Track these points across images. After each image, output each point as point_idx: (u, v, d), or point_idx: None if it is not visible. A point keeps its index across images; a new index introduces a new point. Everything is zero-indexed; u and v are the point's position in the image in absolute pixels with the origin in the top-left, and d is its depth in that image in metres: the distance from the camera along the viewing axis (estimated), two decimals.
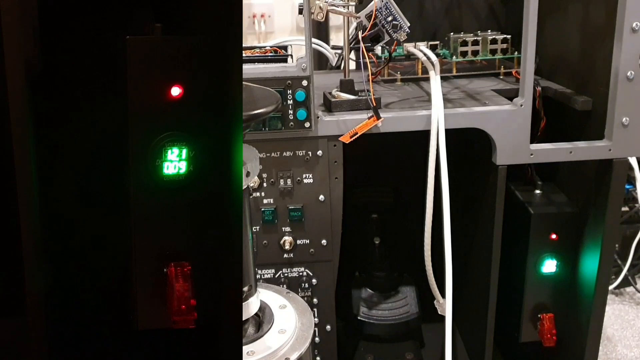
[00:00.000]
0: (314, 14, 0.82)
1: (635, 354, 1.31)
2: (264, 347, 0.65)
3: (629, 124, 0.85)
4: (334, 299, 0.97)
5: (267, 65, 0.88)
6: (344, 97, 0.90)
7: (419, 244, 0.88)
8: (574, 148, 0.87)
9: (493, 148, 0.88)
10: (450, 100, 0.93)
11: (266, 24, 1.89)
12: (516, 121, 0.86)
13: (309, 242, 0.94)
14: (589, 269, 0.94)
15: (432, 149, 0.84)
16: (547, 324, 0.97)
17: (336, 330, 0.99)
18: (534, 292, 0.98)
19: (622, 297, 1.51)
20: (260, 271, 0.95)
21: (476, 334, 1.05)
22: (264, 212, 0.92)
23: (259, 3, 1.88)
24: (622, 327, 1.40)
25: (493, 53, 1.03)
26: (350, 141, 0.87)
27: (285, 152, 0.90)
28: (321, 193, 0.91)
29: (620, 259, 1.48)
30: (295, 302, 0.73)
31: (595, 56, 0.90)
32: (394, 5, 0.88)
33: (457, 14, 1.20)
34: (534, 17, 0.82)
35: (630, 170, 1.25)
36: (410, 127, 0.88)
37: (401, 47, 1.03)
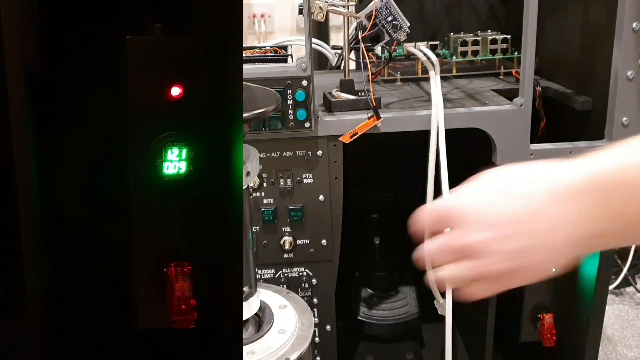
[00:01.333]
0: (314, 14, 0.82)
1: (635, 354, 1.31)
2: (264, 347, 0.65)
3: (629, 124, 0.85)
4: (334, 299, 0.97)
5: (267, 65, 0.88)
6: (344, 97, 0.90)
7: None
8: (574, 148, 0.87)
9: (493, 148, 0.88)
10: (450, 100, 0.93)
11: (266, 24, 1.89)
12: (516, 121, 0.86)
13: (309, 242, 0.94)
14: (589, 269, 0.94)
15: (432, 149, 0.84)
16: (547, 324, 0.97)
17: (336, 330, 0.99)
18: (534, 292, 0.98)
19: (622, 297, 1.51)
20: (260, 271, 0.94)
21: (476, 334, 1.05)
22: (264, 212, 0.92)
23: (259, 3, 1.88)
24: (622, 327, 1.40)
25: (493, 53, 1.03)
26: (350, 141, 0.87)
27: (285, 152, 0.90)
28: (321, 193, 0.91)
29: (620, 259, 1.48)
30: (295, 302, 0.73)
31: (595, 56, 0.90)
32: (394, 5, 0.88)
33: (457, 14, 1.19)
34: (534, 17, 0.82)
35: None
36: (410, 127, 0.88)
37: (401, 47, 1.03)
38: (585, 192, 0.46)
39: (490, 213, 0.49)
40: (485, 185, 0.51)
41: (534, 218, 0.47)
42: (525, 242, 0.48)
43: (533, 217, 0.47)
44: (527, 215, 0.47)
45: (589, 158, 0.47)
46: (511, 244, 0.48)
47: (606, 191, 0.45)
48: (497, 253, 0.49)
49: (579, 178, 0.46)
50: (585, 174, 0.46)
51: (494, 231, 0.48)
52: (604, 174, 0.45)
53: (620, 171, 0.45)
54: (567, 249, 0.47)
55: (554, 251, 0.48)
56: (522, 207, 0.48)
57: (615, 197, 0.45)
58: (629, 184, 0.44)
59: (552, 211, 0.46)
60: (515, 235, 0.48)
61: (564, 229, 0.46)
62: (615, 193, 0.45)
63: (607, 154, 0.46)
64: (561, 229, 0.47)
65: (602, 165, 0.46)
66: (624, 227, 0.45)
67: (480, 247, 0.49)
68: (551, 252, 0.48)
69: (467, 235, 0.49)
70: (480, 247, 0.49)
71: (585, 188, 0.46)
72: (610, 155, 0.46)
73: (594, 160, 0.46)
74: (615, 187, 0.45)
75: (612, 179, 0.45)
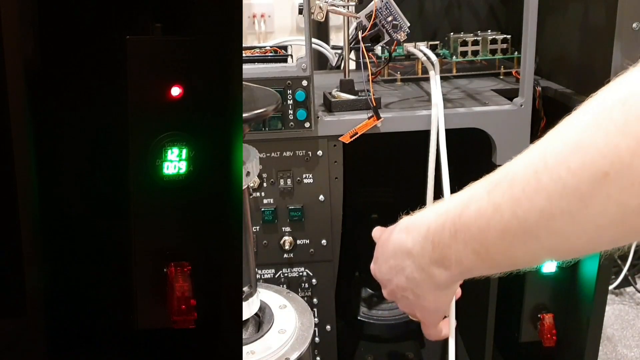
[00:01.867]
0: (313, 14, 0.82)
1: (635, 354, 1.31)
2: (264, 347, 0.65)
3: None
4: (334, 299, 0.97)
5: (267, 65, 0.88)
6: (344, 97, 0.90)
7: None
8: None
9: (493, 148, 0.88)
10: (450, 100, 0.93)
11: (266, 24, 1.89)
12: (516, 121, 0.86)
13: (309, 242, 0.94)
14: (589, 269, 0.94)
15: (432, 149, 0.84)
16: (547, 323, 0.97)
17: (336, 330, 0.99)
18: (534, 292, 0.98)
19: (622, 297, 1.52)
20: (260, 271, 0.94)
21: (476, 334, 1.05)
22: (264, 212, 0.92)
23: (259, 3, 1.88)
24: (622, 327, 1.40)
25: (493, 53, 1.03)
26: (350, 141, 0.87)
27: (285, 152, 0.90)
28: (321, 193, 0.91)
29: (620, 259, 1.48)
30: (295, 302, 0.73)
31: (595, 56, 0.90)
32: (394, 5, 0.88)
33: (457, 14, 1.19)
34: (534, 17, 0.82)
35: None
36: (410, 127, 0.88)
37: (401, 47, 1.03)
38: (435, 248, 0.52)
39: (384, 274, 0.62)
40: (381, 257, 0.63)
41: (413, 287, 0.58)
42: (412, 302, 0.60)
43: (412, 287, 0.58)
44: (409, 285, 0.58)
45: (432, 213, 0.54)
46: (402, 302, 0.62)
47: (443, 243, 0.51)
48: (392, 298, 0.63)
49: (427, 243, 0.53)
50: (429, 233, 0.53)
51: (387, 286, 0.62)
52: (441, 227, 0.51)
53: (449, 222, 0.50)
54: (442, 297, 0.59)
55: (434, 304, 0.60)
56: (404, 281, 0.58)
57: (451, 245, 0.50)
58: (452, 230, 0.50)
59: (425, 281, 0.56)
60: (403, 298, 0.60)
61: (435, 291, 0.57)
62: (450, 243, 0.50)
63: (444, 206, 0.52)
64: (432, 291, 0.57)
65: (438, 219, 0.52)
66: (478, 263, 0.50)
67: (397, 299, 0.62)
68: (433, 306, 0.60)
69: (376, 272, 0.64)
70: (397, 299, 0.62)
71: (430, 246, 0.53)
72: (441, 207, 0.52)
73: (433, 214, 0.53)
74: (447, 238, 0.50)
75: (445, 233, 0.51)
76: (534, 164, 0.42)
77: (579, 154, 0.38)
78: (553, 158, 0.40)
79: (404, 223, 0.58)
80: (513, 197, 0.43)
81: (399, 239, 0.58)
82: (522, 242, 0.43)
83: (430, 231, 0.52)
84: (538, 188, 0.41)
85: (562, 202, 0.39)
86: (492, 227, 0.45)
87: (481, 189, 0.47)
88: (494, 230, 0.45)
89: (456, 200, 0.49)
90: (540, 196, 0.40)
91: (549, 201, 0.40)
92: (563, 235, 0.41)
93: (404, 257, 0.57)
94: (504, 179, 0.44)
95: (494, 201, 0.44)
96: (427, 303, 0.59)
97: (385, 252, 0.61)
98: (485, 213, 0.45)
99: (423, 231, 0.54)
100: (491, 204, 0.44)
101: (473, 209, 0.46)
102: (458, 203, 0.49)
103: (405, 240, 0.57)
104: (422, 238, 0.54)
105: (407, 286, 0.58)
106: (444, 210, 0.51)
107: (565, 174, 0.39)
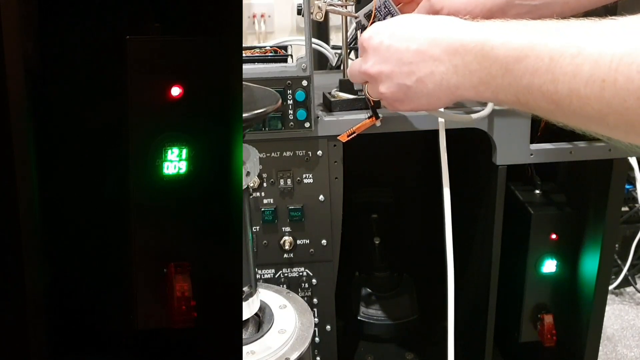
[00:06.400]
0: (312, 13, 0.82)
1: (635, 354, 1.31)
2: (264, 347, 0.65)
3: None
4: (334, 299, 0.97)
5: (267, 65, 0.87)
6: (343, 97, 0.90)
7: (418, 244, 0.88)
8: (574, 148, 0.87)
9: (493, 148, 0.88)
10: None
11: (266, 24, 1.89)
12: (516, 121, 0.86)
13: (309, 242, 0.94)
14: (589, 269, 0.94)
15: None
16: (547, 324, 0.97)
17: (336, 330, 0.99)
18: (534, 292, 0.98)
19: (622, 297, 1.52)
20: (260, 271, 0.94)
21: (476, 334, 1.05)
22: (264, 212, 0.91)
23: (259, 3, 1.88)
24: (622, 327, 1.40)
25: None
26: (348, 140, 0.87)
27: (285, 152, 0.90)
28: (321, 193, 0.91)
29: (620, 259, 1.48)
30: (295, 302, 0.73)
31: None
32: (392, 5, 0.88)
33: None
34: None
35: (630, 170, 1.25)
36: (410, 127, 0.88)
37: None
38: (457, 53, 0.56)
39: (384, 49, 0.62)
40: (394, 26, 0.63)
41: (417, 62, 0.59)
42: (405, 79, 0.61)
43: (416, 61, 0.59)
44: (412, 58, 0.59)
45: (479, 25, 0.55)
46: (395, 79, 0.62)
47: (470, 57, 0.54)
48: (384, 83, 0.63)
49: (460, 39, 0.56)
50: (465, 37, 0.55)
51: (383, 65, 0.62)
52: (474, 42, 0.54)
53: (488, 44, 0.53)
54: (438, 92, 0.59)
55: (428, 92, 0.60)
56: (411, 51, 0.59)
57: (478, 63, 0.54)
58: (486, 56, 0.53)
59: (432, 61, 0.58)
60: (397, 73, 0.61)
61: (437, 77, 0.58)
62: (478, 60, 0.54)
63: (493, 26, 0.54)
64: (434, 75, 0.58)
65: (479, 34, 0.54)
66: (485, 88, 0.54)
67: (372, 75, 0.64)
68: (426, 93, 0.60)
69: (364, 65, 0.65)
70: (372, 75, 0.64)
71: (459, 50, 0.55)
72: (490, 27, 0.54)
73: (479, 28, 0.55)
74: (477, 56, 0.54)
75: (478, 48, 0.53)
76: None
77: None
78: None
79: (457, 19, 0.58)
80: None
81: (453, 31, 0.57)
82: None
83: (500, 52, 0.52)
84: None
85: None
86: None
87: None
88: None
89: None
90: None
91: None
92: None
93: (449, 53, 0.56)
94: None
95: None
96: (427, 99, 0.61)
97: (415, 31, 0.60)
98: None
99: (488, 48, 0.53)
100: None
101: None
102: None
103: (461, 38, 0.56)
104: (482, 57, 0.54)
105: (425, 78, 0.59)
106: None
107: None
